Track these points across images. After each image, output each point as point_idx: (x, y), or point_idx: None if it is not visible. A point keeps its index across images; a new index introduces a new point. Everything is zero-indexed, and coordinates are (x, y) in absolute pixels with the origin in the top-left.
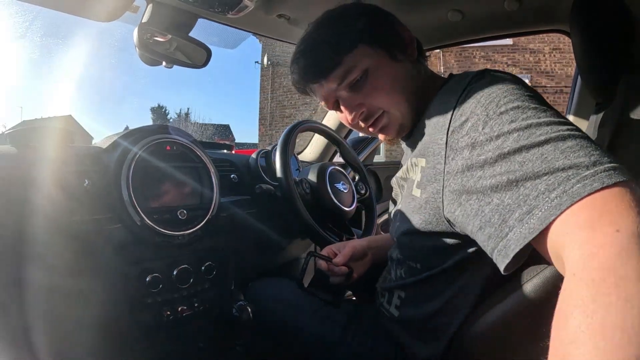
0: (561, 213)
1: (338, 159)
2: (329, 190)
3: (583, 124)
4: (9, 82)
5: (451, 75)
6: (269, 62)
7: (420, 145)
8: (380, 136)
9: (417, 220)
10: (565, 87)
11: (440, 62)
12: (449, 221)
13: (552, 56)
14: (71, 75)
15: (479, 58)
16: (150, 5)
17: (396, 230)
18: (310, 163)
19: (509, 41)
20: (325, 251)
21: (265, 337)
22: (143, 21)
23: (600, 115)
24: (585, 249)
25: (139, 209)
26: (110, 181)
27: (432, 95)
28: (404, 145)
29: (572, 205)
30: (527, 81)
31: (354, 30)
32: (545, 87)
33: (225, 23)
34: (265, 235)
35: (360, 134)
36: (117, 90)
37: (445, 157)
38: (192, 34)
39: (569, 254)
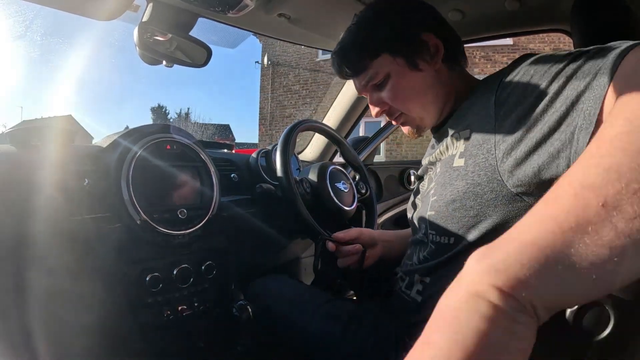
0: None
1: (338, 158)
2: (330, 190)
3: None
4: (9, 82)
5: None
6: (269, 62)
7: (458, 126)
8: (404, 129)
9: (462, 185)
10: None
11: None
12: (502, 178)
13: None
14: (71, 75)
15: (479, 58)
16: (150, 5)
17: (430, 206)
18: (310, 162)
19: (509, 41)
20: (335, 236)
21: (266, 335)
22: (143, 20)
23: None
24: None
25: (139, 208)
26: (110, 180)
27: (463, 95)
28: (432, 140)
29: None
30: None
31: (378, 39)
32: None
33: (225, 22)
34: (266, 234)
35: (361, 134)
36: (118, 89)
37: (495, 113)
38: (192, 33)
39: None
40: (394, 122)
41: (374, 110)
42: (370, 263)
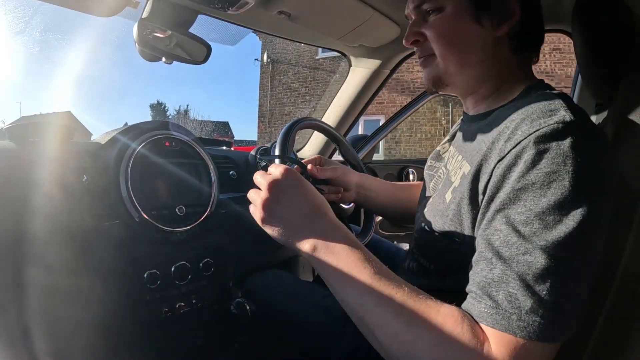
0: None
1: (337, 156)
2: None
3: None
4: (8, 78)
5: (540, 83)
6: (269, 60)
7: (471, 147)
8: (424, 73)
9: (441, 224)
10: (565, 87)
11: None
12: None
13: (552, 56)
14: (70, 71)
15: None
16: (150, 1)
17: (417, 224)
18: None
19: None
20: (310, 171)
21: (264, 332)
22: (143, 17)
23: (601, 115)
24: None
25: (137, 205)
26: (109, 177)
27: (505, 95)
28: (455, 127)
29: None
30: None
31: None
32: None
33: (225, 19)
34: (264, 232)
35: (360, 132)
36: (117, 86)
37: (483, 180)
38: (192, 30)
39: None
40: (419, 60)
41: (407, 38)
42: (335, 200)
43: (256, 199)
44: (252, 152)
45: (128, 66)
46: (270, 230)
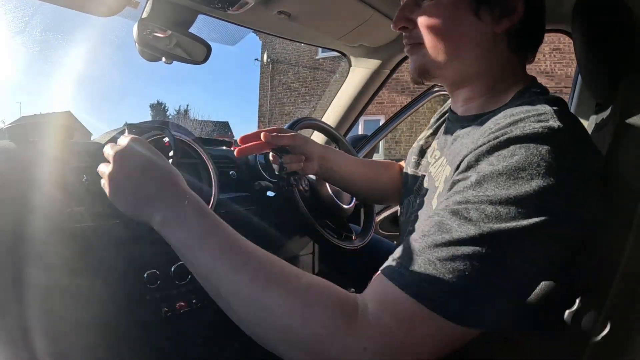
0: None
1: None
2: (328, 188)
3: (583, 124)
4: (8, 78)
5: (533, 85)
6: (269, 59)
7: (454, 150)
8: (410, 60)
9: None
10: (565, 87)
11: None
12: None
13: (552, 56)
14: (70, 71)
15: None
16: (150, 1)
17: (403, 230)
18: None
19: None
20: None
21: None
22: (143, 17)
23: (601, 115)
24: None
25: None
26: None
27: (497, 98)
28: (434, 127)
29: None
30: None
31: None
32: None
33: (225, 19)
34: (264, 232)
35: (360, 132)
36: (117, 86)
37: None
38: (192, 30)
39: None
40: (405, 46)
41: (396, 22)
42: (296, 169)
43: (104, 171)
44: None
45: (128, 66)
46: (119, 205)
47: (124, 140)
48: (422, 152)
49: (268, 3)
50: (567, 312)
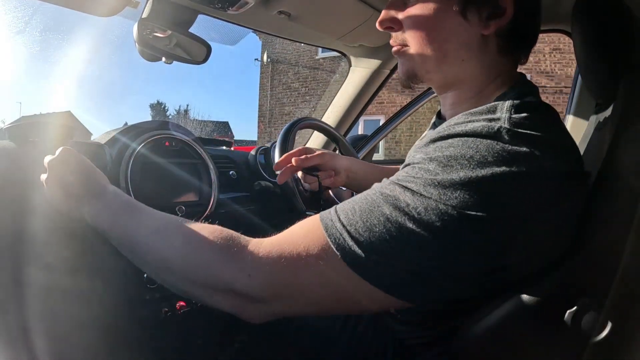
0: None
1: None
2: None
3: (583, 124)
4: (8, 78)
5: (518, 85)
6: (269, 59)
7: None
8: (399, 63)
9: None
10: (565, 87)
11: None
12: None
13: (552, 56)
14: (70, 71)
15: None
16: (150, 1)
17: None
18: None
19: None
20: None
21: (265, 329)
22: (143, 17)
23: (601, 115)
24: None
25: None
26: (108, 177)
27: (480, 100)
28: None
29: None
30: None
31: None
32: (545, 87)
33: (225, 19)
34: (264, 231)
35: (360, 132)
36: (117, 86)
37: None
38: (192, 30)
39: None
40: (393, 47)
41: (381, 22)
42: (330, 184)
43: (42, 179)
44: (252, 152)
45: (128, 66)
46: (57, 204)
47: (57, 152)
48: None
49: (268, 3)
50: (567, 312)
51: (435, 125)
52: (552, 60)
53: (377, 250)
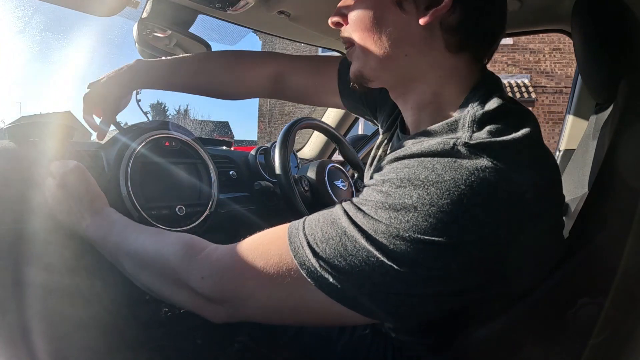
0: None
1: (337, 156)
2: (328, 188)
3: (583, 124)
4: (8, 78)
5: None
6: None
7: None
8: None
9: None
10: (565, 87)
11: None
12: None
13: (552, 56)
14: (70, 71)
15: None
16: (150, 1)
17: None
18: (309, 160)
19: (509, 41)
20: None
21: (265, 330)
22: (143, 17)
23: (601, 115)
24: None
25: (137, 205)
26: (108, 177)
27: (447, 104)
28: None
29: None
30: (526, 81)
31: None
32: (545, 87)
33: (225, 19)
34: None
35: (360, 132)
36: None
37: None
38: (192, 29)
39: None
40: (346, 50)
41: (331, 17)
42: None
43: (50, 186)
44: (252, 152)
45: None
46: (57, 215)
47: (69, 164)
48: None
49: (268, 3)
50: (567, 312)
51: (398, 139)
52: (552, 61)
53: (331, 262)
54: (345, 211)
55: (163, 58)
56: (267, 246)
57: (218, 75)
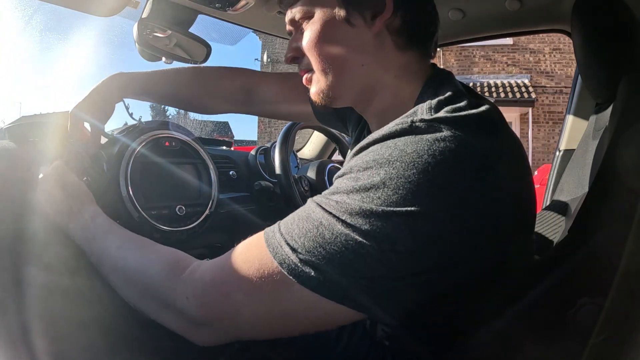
0: None
1: (337, 156)
2: (328, 188)
3: (583, 124)
4: (8, 78)
5: (432, 79)
6: (269, 59)
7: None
8: (311, 90)
9: None
10: (565, 87)
11: (440, 61)
12: None
13: (552, 56)
14: (70, 71)
15: (479, 57)
16: (150, 1)
17: None
18: (309, 160)
19: (509, 41)
20: None
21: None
22: (143, 17)
23: (601, 115)
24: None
25: (137, 205)
26: (108, 177)
27: (403, 101)
28: None
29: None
30: (526, 81)
31: None
32: (545, 87)
33: (225, 19)
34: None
35: None
36: None
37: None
38: (192, 29)
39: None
40: (303, 78)
41: (285, 56)
42: None
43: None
44: (252, 152)
45: (128, 66)
46: (49, 213)
47: (54, 165)
48: None
49: (267, 3)
50: (567, 312)
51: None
52: (552, 60)
53: (312, 255)
54: (317, 204)
55: (143, 71)
56: (246, 255)
57: (193, 88)
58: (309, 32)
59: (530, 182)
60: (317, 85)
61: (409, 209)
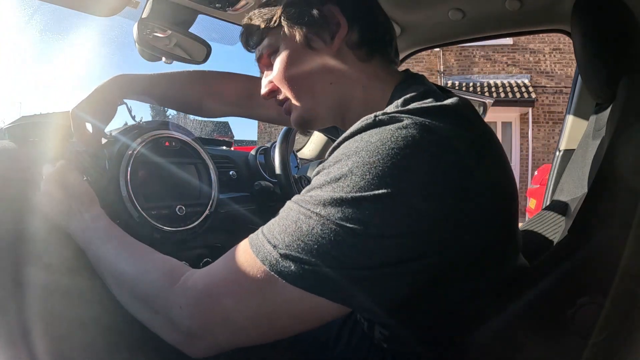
0: None
1: None
2: None
3: (583, 124)
4: (8, 78)
5: (401, 83)
6: None
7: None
8: (291, 118)
9: None
10: (565, 87)
11: (440, 60)
12: None
13: (552, 56)
14: (70, 71)
15: (479, 57)
16: (150, 1)
17: None
18: (309, 160)
19: (509, 41)
20: None
21: None
22: (143, 17)
23: (601, 115)
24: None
25: (137, 205)
26: (108, 177)
27: (372, 100)
28: None
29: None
30: (526, 81)
31: (277, 4)
32: (545, 87)
33: (225, 19)
34: None
35: None
36: None
37: None
38: (192, 29)
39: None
40: (282, 109)
41: (262, 92)
42: None
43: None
44: (252, 152)
45: (128, 66)
46: (49, 214)
47: (58, 164)
48: None
49: None
50: (567, 312)
51: None
52: (552, 61)
53: (291, 249)
54: (295, 202)
55: (144, 73)
56: (233, 260)
57: (194, 90)
58: (277, 65)
59: (508, 173)
60: (295, 112)
61: (376, 192)
